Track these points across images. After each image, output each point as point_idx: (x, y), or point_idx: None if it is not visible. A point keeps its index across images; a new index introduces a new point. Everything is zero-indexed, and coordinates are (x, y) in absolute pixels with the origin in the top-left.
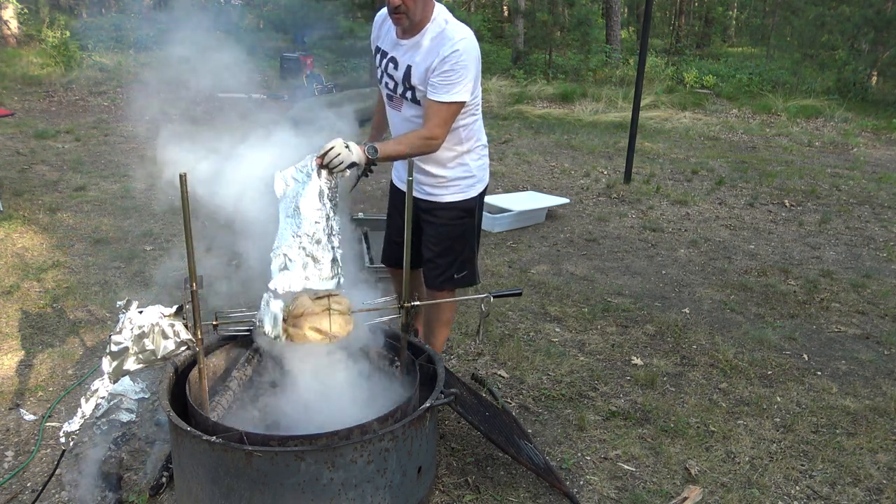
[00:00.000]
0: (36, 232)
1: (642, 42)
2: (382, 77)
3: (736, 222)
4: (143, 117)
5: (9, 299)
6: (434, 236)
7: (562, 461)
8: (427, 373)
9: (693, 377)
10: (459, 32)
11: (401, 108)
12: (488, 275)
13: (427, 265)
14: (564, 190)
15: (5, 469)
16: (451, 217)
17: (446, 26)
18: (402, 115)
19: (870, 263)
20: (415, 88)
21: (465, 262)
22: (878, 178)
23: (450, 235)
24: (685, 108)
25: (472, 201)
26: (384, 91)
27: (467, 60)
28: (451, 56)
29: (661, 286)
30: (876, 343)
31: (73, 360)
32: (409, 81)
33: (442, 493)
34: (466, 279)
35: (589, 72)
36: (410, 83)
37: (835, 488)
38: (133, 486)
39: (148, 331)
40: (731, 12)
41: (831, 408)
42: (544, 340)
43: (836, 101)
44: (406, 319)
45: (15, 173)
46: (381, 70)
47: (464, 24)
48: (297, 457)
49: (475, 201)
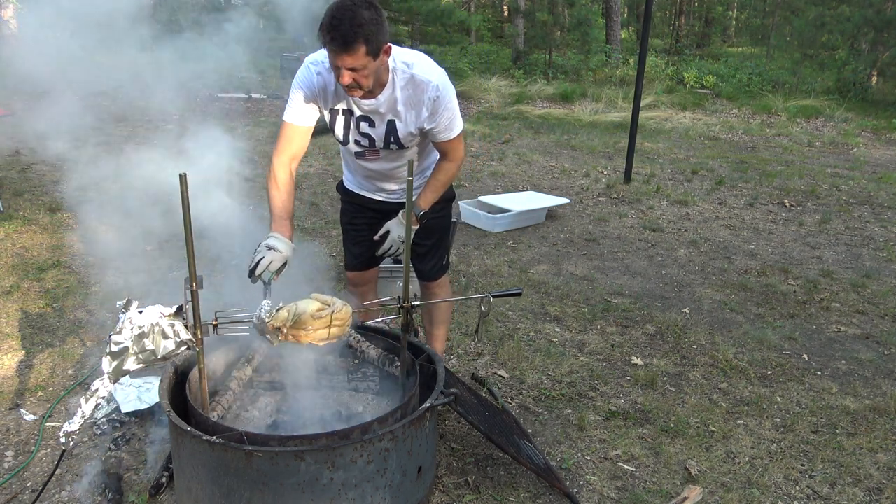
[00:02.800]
0: (36, 232)
1: (642, 42)
2: (349, 137)
3: (736, 222)
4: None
5: (9, 299)
6: (424, 231)
7: (562, 461)
8: (427, 373)
9: (693, 377)
10: (427, 70)
11: (378, 156)
12: (488, 275)
13: (419, 260)
14: (564, 190)
15: (5, 469)
16: (438, 209)
17: (412, 70)
18: (382, 161)
19: (870, 263)
20: (400, 140)
21: (448, 249)
22: (878, 178)
23: (439, 226)
24: (685, 108)
25: (451, 189)
26: (353, 148)
27: (449, 91)
28: (440, 99)
29: (661, 286)
30: (876, 343)
31: (73, 360)
32: (394, 135)
33: (442, 493)
34: (448, 263)
35: (589, 72)
36: (397, 136)
37: (835, 488)
38: (133, 486)
39: (148, 331)
40: (731, 12)
41: (831, 408)
42: (544, 340)
43: (836, 101)
44: (406, 319)
45: (15, 173)
46: (346, 130)
47: (416, 53)
48: (297, 457)
49: (451, 189)
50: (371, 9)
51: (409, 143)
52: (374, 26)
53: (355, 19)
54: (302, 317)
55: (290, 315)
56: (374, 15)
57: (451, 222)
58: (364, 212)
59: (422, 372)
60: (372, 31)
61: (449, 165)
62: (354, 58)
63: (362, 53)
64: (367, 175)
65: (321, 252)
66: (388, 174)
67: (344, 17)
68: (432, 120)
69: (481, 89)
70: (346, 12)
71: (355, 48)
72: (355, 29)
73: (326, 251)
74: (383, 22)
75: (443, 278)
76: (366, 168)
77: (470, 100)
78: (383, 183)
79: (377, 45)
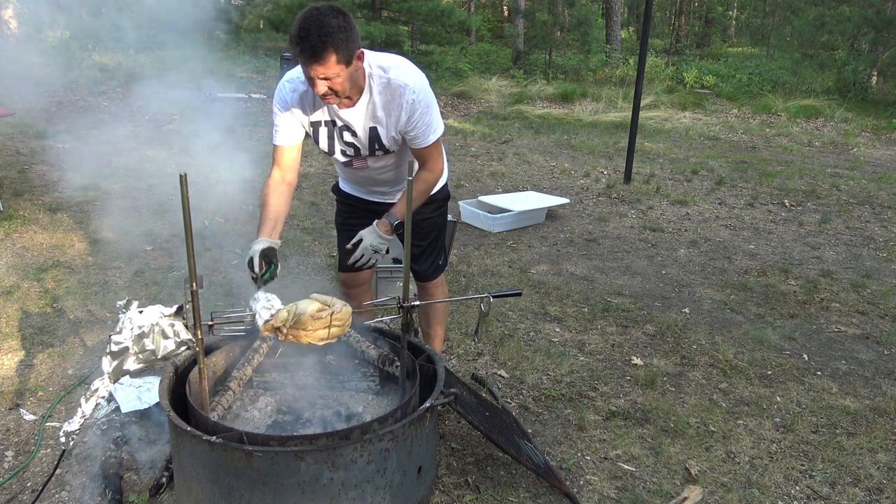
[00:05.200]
0: (36, 232)
1: (642, 42)
2: (334, 147)
3: (736, 222)
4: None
5: (9, 299)
6: (419, 232)
7: (562, 461)
8: (427, 373)
9: (693, 377)
10: (403, 73)
11: (366, 164)
12: (488, 275)
13: (415, 261)
14: (564, 190)
15: (5, 469)
16: (432, 210)
17: (388, 75)
18: (371, 168)
19: (870, 263)
20: (384, 145)
21: (443, 249)
22: (878, 178)
23: (435, 226)
24: (685, 108)
25: (445, 189)
26: (340, 158)
27: (426, 94)
28: (416, 102)
29: (661, 286)
30: (876, 343)
31: (73, 360)
32: (378, 142)
33: (442, 493)
34: (445, 263)
35: (589, 72)
36: (381, 142)
37: (835, 488)
38: (133, 486)
39: (148, 331)
40: (731, 12)
41: (831, 408)
42: (544, 340)
43: (836, 101)
44: (406, 319)
45: (15, 173)
46: (331, 141)
47: (393, 56)
48: (297, 457)
49: (446, 189)
50: (339, 16)
51: (395, 146)
52: (344, 34)
53: (323, 28)
54: (302, 317)
55: (290, 315)
56: (342, 22)
57: (450, 222)
58: (359, 213)
59: (422, 372)
60: (341, 38)
61: (426, 175)
62: (326, 67)
63: (333, 62)
64: (359, 180)
65: (321, 252)
66: (379, 178)
67: (311, 26)
68: (410, 122)
69: (481, 89)
70: (314, 22)
71: (325, 57)
72: (324, 38)
73: (326, 251)
74: (353, 28)
75: (439, 278)
76: (356, 174)
77: (470, 100)
78: (376, 186)
79: (348, 52)
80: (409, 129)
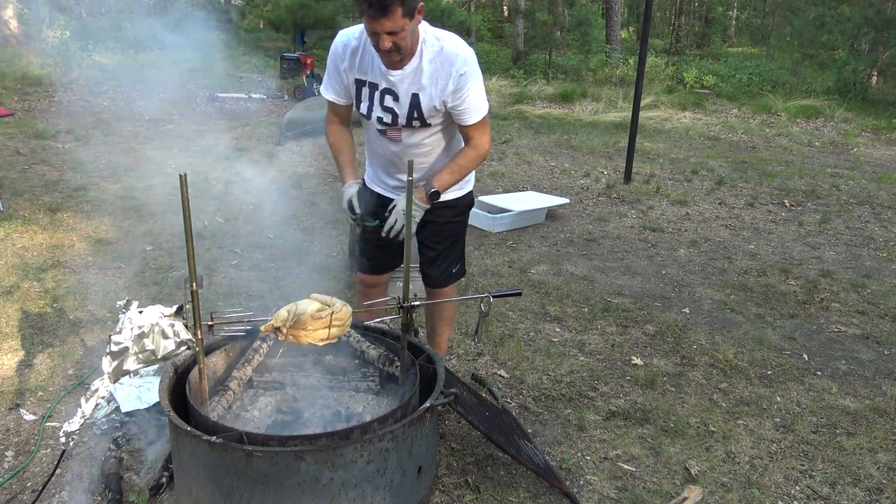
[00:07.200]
0: (36, 232)
1: (642, 42)
2: (372, 111)
3: (736, 222)
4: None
5: (9, 299)
6: (436, 235)
7: (562, 461)
8: (427, 373)
9: (693, 377)
10: (456, 45)
11: (400, 137)
12: (488, 275)
13: (429, 265)
14: (564, 190)
15: (5, 469)
16: (453, 214)
17: (442, 43)
18: (404, 143)
19: (870, 263)
20: (423, 115)
21: (460, 257)
22: (878, 178)
23: (453, 232)
24: (685, 108)
25: (469, 196)
26: (375, 125)
27: (477, 71)
28: (466, 75)
29: (661, 286)
30: (876, 343)
31: (73, 360)
32: (418, 110)
33: (442, 493)
34: (460, 272)
35: (589, 72)
36: (420, 111)
37: (835, 488)
38: (133, 486)
39: (148, 331)
40: (731, 12)
41: (831, 408)
42: (544, 340)
43: (836, 101)
44: (406, 319)
45: (15, 173)
46: (370, 104)
47: (448, 32)
48: (297, 457)
49: (471, 196)
50: None
51: (433, 119)
52: None
53: None
54: (302, 317)
55: (290, 315)
56: None
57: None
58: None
59: (422, 372)
60: None
61: (471, 152)
62: (393, 21)
63: (399, 15)
64: (388, 160)
65: (320, 252)
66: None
67: None
68: (457, 96)
69: None
70: None
71: (392, 10)
72: None
73: (326, 251)
74: None
75: (449, 287)
76: (388, 150)
77: None
78: (401, 174)
79: (412, 4)
80: (456, 103)
